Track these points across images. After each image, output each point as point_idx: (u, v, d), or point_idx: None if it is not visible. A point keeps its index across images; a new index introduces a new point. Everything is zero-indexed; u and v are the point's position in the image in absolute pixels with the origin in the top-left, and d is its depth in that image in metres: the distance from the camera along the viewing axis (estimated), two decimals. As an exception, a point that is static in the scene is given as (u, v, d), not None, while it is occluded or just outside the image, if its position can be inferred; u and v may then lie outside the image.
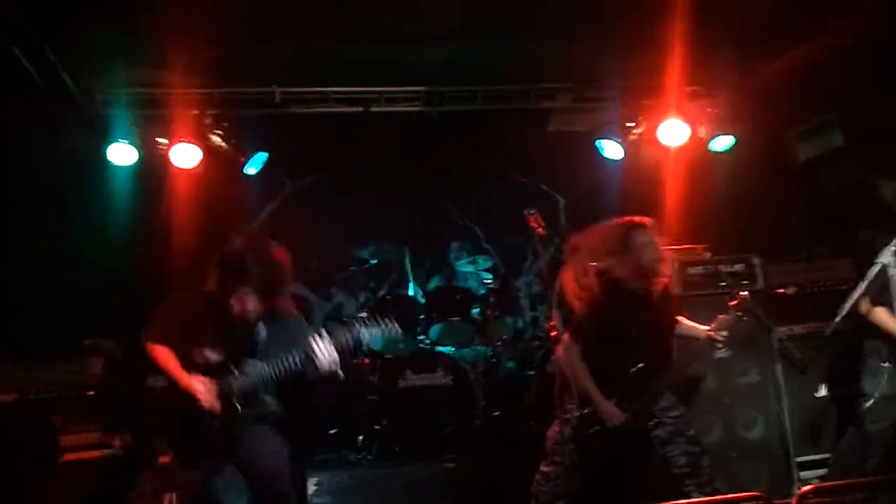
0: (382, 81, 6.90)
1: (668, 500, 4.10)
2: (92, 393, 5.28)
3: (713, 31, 6.00)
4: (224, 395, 4.17)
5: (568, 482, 4.50)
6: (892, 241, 4.66)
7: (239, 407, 4.18)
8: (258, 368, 4.19)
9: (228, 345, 4.25)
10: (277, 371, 4.18)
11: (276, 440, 4.43)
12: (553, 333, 4.59)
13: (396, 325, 4.44)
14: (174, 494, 4.13)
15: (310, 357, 4.13)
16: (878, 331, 4.94)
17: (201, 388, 4.14)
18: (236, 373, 4.19)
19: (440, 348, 6.79)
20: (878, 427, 4.97)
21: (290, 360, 4.17)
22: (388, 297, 6.86)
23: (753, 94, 7.03)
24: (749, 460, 5.70)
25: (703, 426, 5.44)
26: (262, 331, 4.29)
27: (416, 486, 5.63)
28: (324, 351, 4.13)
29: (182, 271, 6.26)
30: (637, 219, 4.72)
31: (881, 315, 4.88)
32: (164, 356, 4.23)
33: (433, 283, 7.40)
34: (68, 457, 5.07)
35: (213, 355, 4.23)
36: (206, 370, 4.21)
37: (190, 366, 4.22)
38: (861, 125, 6.83)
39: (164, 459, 4.16)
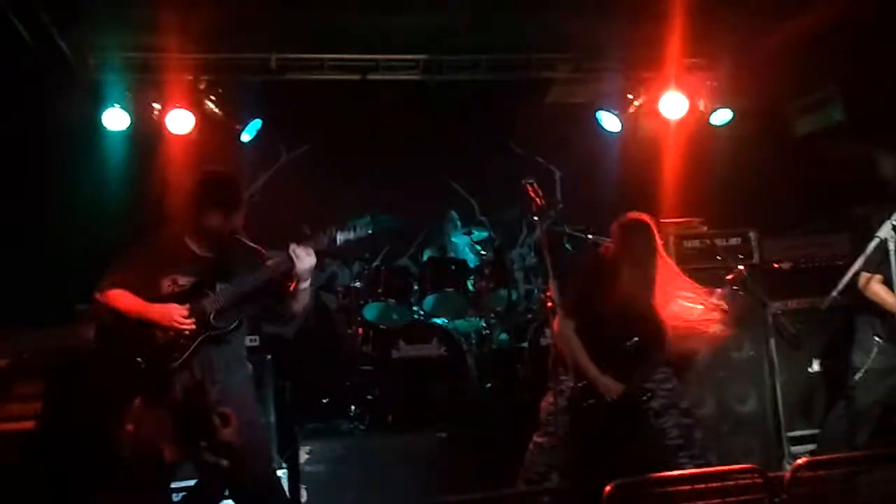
0: (380, 49, 6.84)
1: (662, 472, 4.09)
2: (84, 359, 5.23)
3: (714, 2, 5.95)
4: (197, 313, 4.09)
5: (562, 453, 4.52)
6: (891, 215, 4.64)
7: (214, 322, 4.10)
8: (229, 287, 4.13)
9: (197, 270, 4.18)
10: (248, 285, 4.13)
11: (253, 408, 4.38)
12: (549, 304, 4.58)
13: (368, 227, 4.42)
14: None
15: (290, 257, 4.08)
16: (872, 305, 4.93)
17: (170, 309, 4.05)
18: (208, 293, 4.13)
19: (434, 319, 6.77)
20: (869, 401, 5.00)
21: (268, 266, 4.14)
22: (382, 267, 6.83)
23: (754, 67, 6.98)
24: (741, 434, 5.75)
25: (696, 399, 5.45)
26: (230, 254, 4.23)
27: (408, 456, 5.62)
28: (302, 253, 4.10)
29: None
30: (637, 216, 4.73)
31: (877, 289, 4.87)
32: (122, 297, 4.11)
33: (427, 254, 7.37)
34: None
35: (182, 280, 4.16)
36: (177, 297, 4.12)
37: (158, 298, 4.11)
38: (863, 99, 6.79)
39: (130, 427, 4.05)
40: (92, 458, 4.60)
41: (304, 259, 4.12)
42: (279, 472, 5.27)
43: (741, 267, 4.66)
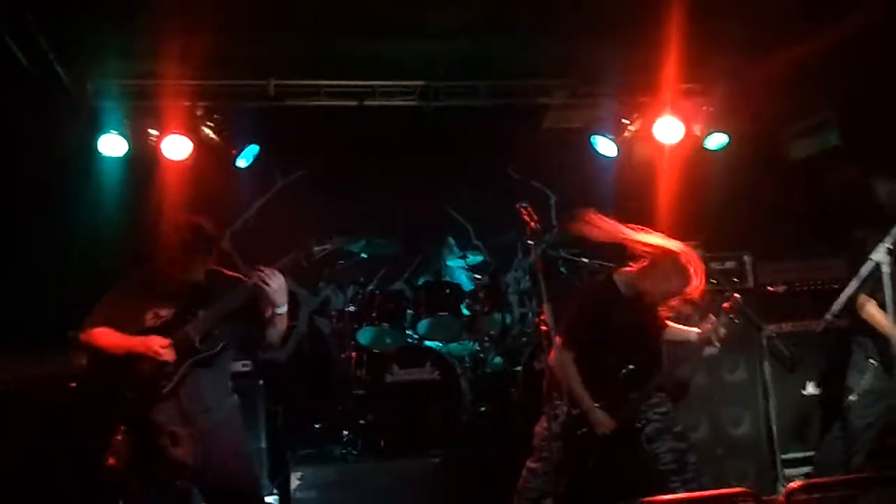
0: (377, 75, 6.88)
1: (655, 496, 4.06)
2: (74, 385, 5.23)
3: (710, 28, 5.98)
4: (181, 339, 4.09)
5: (555, 478, 4.47)
6: (884, 239, 4.63)
7: (199, 346, 4.10)
8: (210, 314, 4.14)
9: (179, 301, 4.19)
10: (227, 307, 4.13)
11: (240, 438, 4.37)
12: (543, 328, 4.57)
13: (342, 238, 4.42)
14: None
15: (259, 282, 4.07)
16: (867, 327, 4.91)
17: (151, 340, 4.06)
18: (191, 319, 4.13)
19: (428, 343, 6.76)
20: (863, 423, 4.94)
21: (241, 290, 4.14)
22: (377, 291, 6.83)
23: (749, 92, 7.01)
24: (735, 457, 5.72)
25: (690, 422, 5.44)
26: (210, 285, 4.26)
27: (401, 482, 5.60)
28: (270, 274, 4.07)
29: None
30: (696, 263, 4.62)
31: (873, 311, 4.85)
32: (104, 335, 4.14)
33: (422, 279, 7.37)
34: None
35: (164, 312, 4.17)
36: (161, 329, 4.13)
37: (143, 331, 4.13)
38: (858, 123, 6.81)
39: (111, 461, 4.05)
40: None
41: (272, 279, 4.09)
42: (269, 499, 5.24)
43: (737, 294, 4.63)
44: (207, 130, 6.79)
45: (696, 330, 4.70)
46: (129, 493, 4.03)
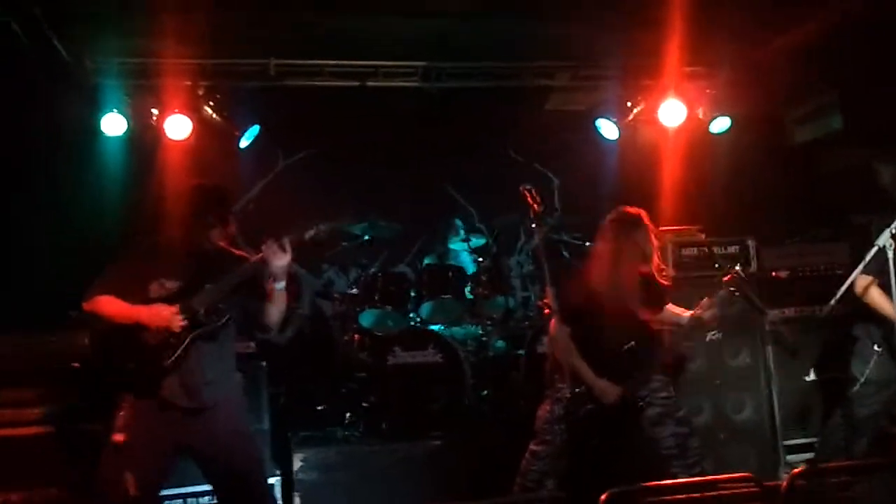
0: (380, 56, 6.84)
1: (657, 481, 4.07)
2: (77, 365, 5.22)
3: (713, 10, 5.95)
4: (187, 310, 4.07)
5: (557, 461, 4.51)
6: (890, 223, 4.62)
7: (204, 319, 4.09)
8: (216, 286, 4.12)
9: (184, 274, 4.16)
10: (233, 281, 4.12)
11: (241, 416, 4.37)
12: (546, 311, 4.58)
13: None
14: (131, 476, 4.04)
15: (264, 258, 4.09)
16: (871, 313, 4.90)
17: (158, 308, 4.03)
18: (196, 292, 4.11)
19: (430, 326, 6.75)
20: (866, 411, 4.95)
21: (246, 266, 4.14)
22: (380, 273, 6.82)
23: (752, 76, 6.99)
24: (737, 442, 5.73)
25: (692, 407, 5.45)
26: (216, 260, 4.23)
27: (403, 464, 5.59)
28: (276, 250, 4.08)
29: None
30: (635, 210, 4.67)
31: (876, 296, 4.85)
32: (109, 303, 4.08)
33: (426, 261, 7.36)
34: (51, 429, 5.03)
35: (169, 283, 4.13)
36: (165, 300, 4.09)
37: (146, 301, 4.08)
38: (861, 108, 6.79)
39: (118, 437, 4.06)
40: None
41: (277, 255, 4.09)
42: (272, 480, 5.24)
43: (737, 269, 4.61)
44: (209, 110, 6.76)
45: (688, 313, 4.70)
46: (136, 467, 4.01)
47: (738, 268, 4.61)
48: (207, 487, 4.97)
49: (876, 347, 4.91)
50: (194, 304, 4.09)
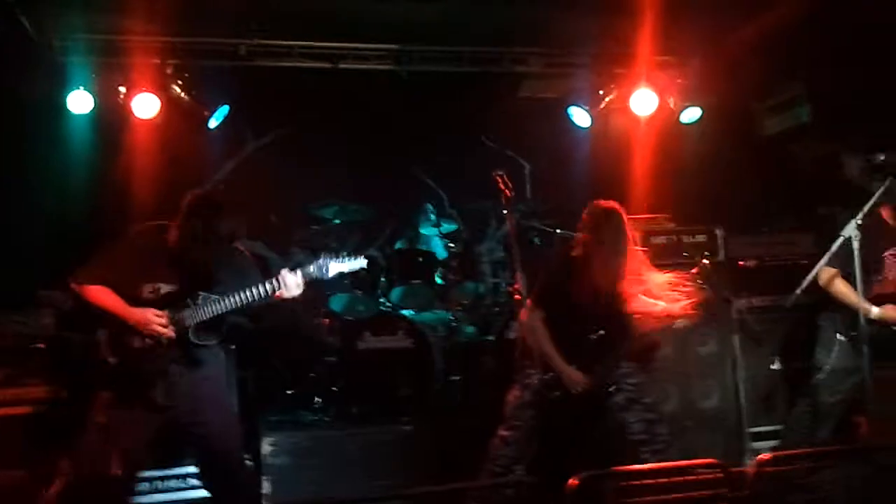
0: (352, 38, 6.78)
1: (624, 466, 4.11)
2: (42, 345, 5.15)
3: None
4: (176, 323, 4.08)
5: (526, 446, 4.54)
6: (856, 214, 4.69)
7: (193, 338, 4.11)
8: (212, 300, 4.13)
9: (182, 278, 4.16)
10: (233, 303, 4.13)
11: (225, 396, 4.41)
12: (516, 297, 4.59)
13: (362, 262, 4.42)
14: (116, 455, 4.05)
15: (278, 284, 4.12)
16: (836, 303, 4.98)
17: (150, 316, 4.05)
18: (190, 304, 4.12)
19: (401, 311, 6.75)
20: (831, 399, 5.04)
21: (249, 292, 4.13)
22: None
23: (723, 66, 7.04)
24: (704, 430, 5.78)
25: (660, 395, 5.47)
26: (218, 265, 4.23)
27: (372, 449, 5.57)
28: (292, 282, 4.14)
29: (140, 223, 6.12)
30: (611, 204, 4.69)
31: (841, 287, 4.92)
32: (101, 294, 4.09)
33: (396, 246, 7.34)
34: (15, 410, 4.95)
35: (164, 289, 4.14)
36: (157, 304, 4.11)
37: (137, 302, 4.10)
38: (829, 100, 6.87)
39: (100, 419, 4.06)
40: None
41: (293, 289, 4.17)
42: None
43: (706, 261, 4.66)
44: (177, 89, 6.65)
45: (660, 303, 4.73)
46: (120, 446, 4.03)
47: (705, 261, 4.66)
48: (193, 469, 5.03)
49: (839, 337, 4.99)
50: (185, 318, 4.10)
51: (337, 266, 4.30)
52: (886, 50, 5.94)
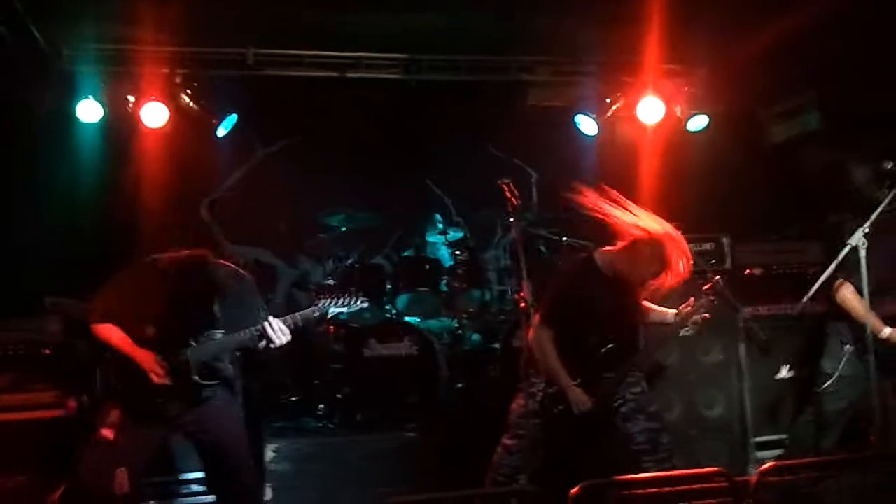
0: (360, 47, 6.81)
1: (627, 476, 4.09)
2: (48, 352, 5.19)
3: (692, 8, 5.97)
4: (178, 367, 4.20)
5: (530, 456, 4.51)
6: (862, 223, 4.66)
7: (196, 378, 4.23)
8: (214, 340, 4.27)
9: (183, 316, 4.27)
10: (232, 344, 4.31)
11: (231, 406, 4.46)
12: (522, 305, 4.58)
13: (364, 299, 4.52)
14: (123, 470, 4.12)
15: (263, 335, 4.27)
16: (842, 312, 4.95)
17: (151, 363, 4.20)
18: (192, 343, 4.24)
19: (406, 318, 6.76)
20: (836, 408, 5.00)
21: (244, 335, 4.28)
22: (356, 265, 6.80)
23: (730, 74, 7.02)
24: (708, 438, 5.76)
25: (664, 403, 5.47)
26: (218, 301, 4.35)
27: (376, 456, 5.58)
28: (278, 331, 4.27)
29: (148, 231, 6.16)
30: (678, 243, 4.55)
31: (848, 296, 4.89)
32: (111, 334, 4.27)
33: (403, 253, 7.35)
34: (20, 416, 4.99)
35: (166, 326, 4.26)
36: (160, 342, 4.24)
37: (141, 339, 4.24)
38: (838, 107, 6.84)
39: (106, 434, 4.13)
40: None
41: (281, 337, 4.31)
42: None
43: (717, 277, 4.64)
44: (185, 98, 6.70)
45: (673, 312, 4.71)
46: (127, 463, 4.14)
47: (717, 277, 4.64)
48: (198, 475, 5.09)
49: (847, 347, 4.95)
50: (188, 360, 4.23)
51: (337, 309, 4.37)
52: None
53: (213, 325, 4.31)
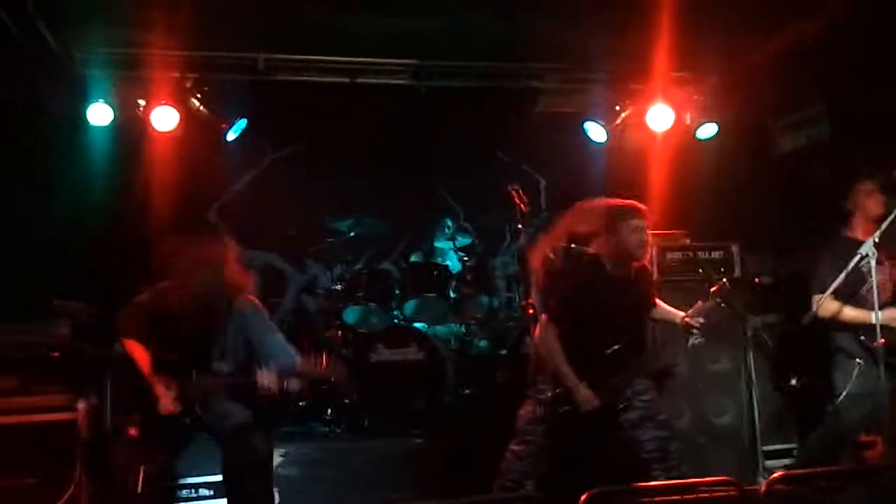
0: (370, 53, 6.82)
1: (637, 483, 4.08)
2: (57, 354, 5.20)
3: (702, 16, 5.96)
4: (187, 395, 4.32)
5: (537, 462, 4.51)
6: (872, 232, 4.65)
7: (198, 409, 4.36)
8: (215, 377, 4.40)
9: (193, 345, 4.39)
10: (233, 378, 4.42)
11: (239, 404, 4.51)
12: (530, 311, 4.58)
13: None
14: (141, 469, 4.19)
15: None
16: (846, 325, 4.91)
17: (163, 391, 4.31)
18: (195, 373, 4.36)
19: (414, 324, 6.76)
20: (850, 422, 4.93)
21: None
22: (364, 270, 6.81)
23: (740, 82, 7.02)
24: (717, 447, 5.74)
25: (673, 411, 5.45)
26: (226, 329, 4.46)
27: (383, 461, 5.60)
28: (266, 379, 4.36)
29: (158, 235, 6.18)
30: (631, 203, 4.65)
31: (849, 313, 4.85)
32: (135, 352, 4.44)
33: (411, 259, 7.36)
34: (28, 418, 5.00)
35: (172, 355, 4.37)
36: (171, 368, 4.34)
37: (156, 364, 4.37)
38: (848, 117, 6.83)
39: (132, 432, 4.20)
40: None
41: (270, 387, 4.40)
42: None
43: (724, 280, 4.63)
44: (196, 102, 6.72)
45: (681, 313, 4.70)
46: (149, 461, 4.25)
47: (724, 280, 4.63)
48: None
49: (857, 360, 4.90)
50: (194, 391, 4.35)
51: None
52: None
53: (222, 355, 4.43)
